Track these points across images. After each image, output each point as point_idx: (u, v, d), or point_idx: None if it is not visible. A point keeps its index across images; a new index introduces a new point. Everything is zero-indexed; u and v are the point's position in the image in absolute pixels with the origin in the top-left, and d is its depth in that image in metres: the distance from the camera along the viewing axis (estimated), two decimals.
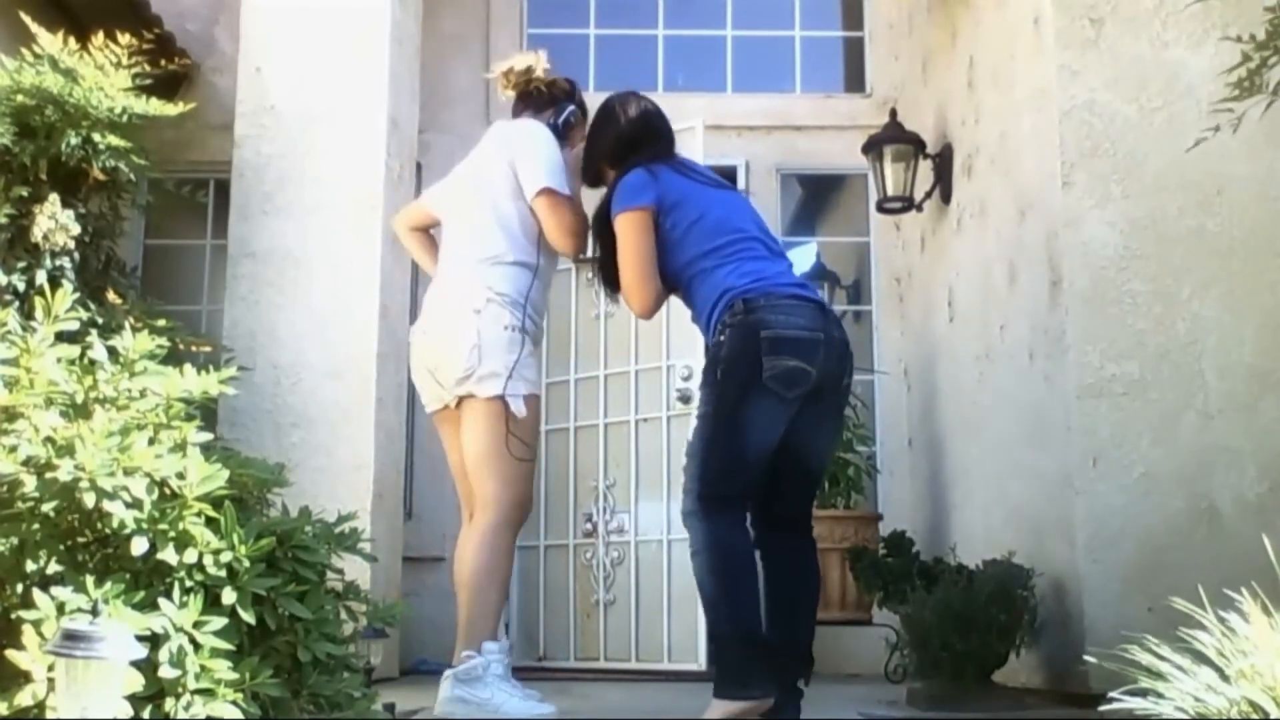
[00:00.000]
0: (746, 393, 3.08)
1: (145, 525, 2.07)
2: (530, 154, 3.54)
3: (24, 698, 1.93)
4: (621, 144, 3.42)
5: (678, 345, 5.17)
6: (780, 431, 3.12)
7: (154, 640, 1.98)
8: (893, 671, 4.49)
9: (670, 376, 5.26)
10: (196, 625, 2.04)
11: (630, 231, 3.25)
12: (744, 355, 3.08)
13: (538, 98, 3.72)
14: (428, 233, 3.83)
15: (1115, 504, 3.68)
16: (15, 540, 2.07)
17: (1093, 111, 3.88)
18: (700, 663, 4.96)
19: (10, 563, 2.07)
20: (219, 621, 2.05)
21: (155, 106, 4.20)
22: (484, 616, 3.41)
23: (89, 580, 2.02)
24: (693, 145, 4.90)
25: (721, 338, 3.14)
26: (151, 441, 2.17)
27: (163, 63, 4.60)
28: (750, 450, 3.10)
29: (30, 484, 2.08)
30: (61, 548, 2.10)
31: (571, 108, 3.74)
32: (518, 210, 3.52)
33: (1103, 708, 2.11)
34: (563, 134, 3.67)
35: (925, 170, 5.32)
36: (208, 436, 2.30)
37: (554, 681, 4.99)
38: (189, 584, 2.08)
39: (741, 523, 3.14)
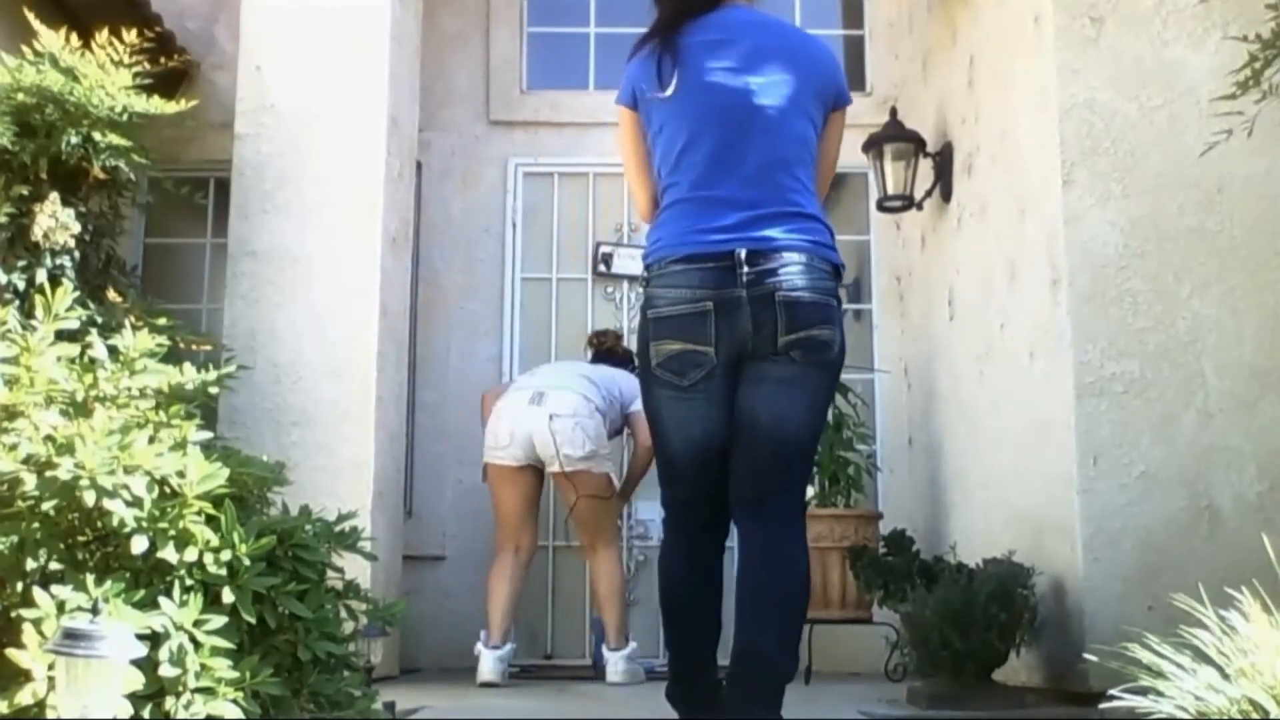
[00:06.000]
0: (650, 387, 2.72)
1: (145, 524, 2.07)
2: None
3: (24, 696, 1.92)
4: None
5: None
6: (701, 426, 2.66)
7: (154, 639, 1.98)
8: (893, 670, 4.49)
9: None
10: (197, 624, 2.03)
11: (619, 127, 2.79)
12: (641, 341, 2.72)
13: (614, 357, 5.30)
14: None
15: (1115, 503, 3.67)
16: (15, 538, 2.07)
17: (1093, 110, 3.88)
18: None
19: (10, 561, 2.06)
20: (219, 620, 2.05)
21: (155, 105, 4.18)
22: (627, 616, 4.99)
23: (89, 579, 2.02)
24: None
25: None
26: (151, 440, 2.17)
27: (162, 61, 4.59)
28: (678, 451, 2.71)
29: (30, 482, 2.08)
30: (61, 546, 2.10)
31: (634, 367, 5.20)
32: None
33: (1103, 706, 2.11)
34: None
35: (925, 169, 5.32)
36: (208, 435, 2.30)
37: (556, 681, 5.01)
38: (189, 582, 2.08)
39: (691, 542, 2.76)
